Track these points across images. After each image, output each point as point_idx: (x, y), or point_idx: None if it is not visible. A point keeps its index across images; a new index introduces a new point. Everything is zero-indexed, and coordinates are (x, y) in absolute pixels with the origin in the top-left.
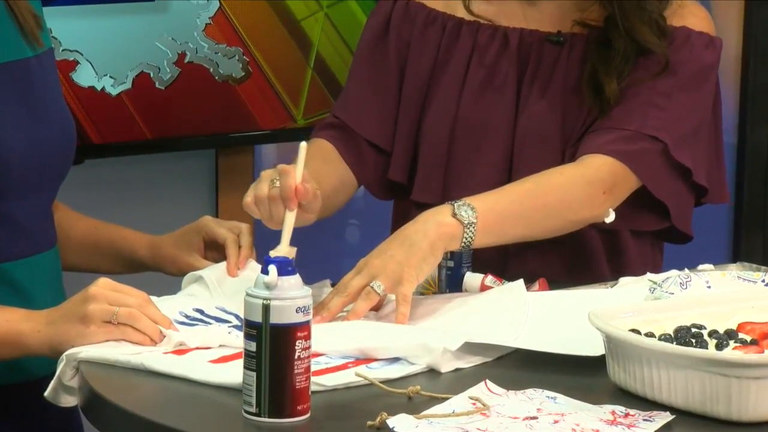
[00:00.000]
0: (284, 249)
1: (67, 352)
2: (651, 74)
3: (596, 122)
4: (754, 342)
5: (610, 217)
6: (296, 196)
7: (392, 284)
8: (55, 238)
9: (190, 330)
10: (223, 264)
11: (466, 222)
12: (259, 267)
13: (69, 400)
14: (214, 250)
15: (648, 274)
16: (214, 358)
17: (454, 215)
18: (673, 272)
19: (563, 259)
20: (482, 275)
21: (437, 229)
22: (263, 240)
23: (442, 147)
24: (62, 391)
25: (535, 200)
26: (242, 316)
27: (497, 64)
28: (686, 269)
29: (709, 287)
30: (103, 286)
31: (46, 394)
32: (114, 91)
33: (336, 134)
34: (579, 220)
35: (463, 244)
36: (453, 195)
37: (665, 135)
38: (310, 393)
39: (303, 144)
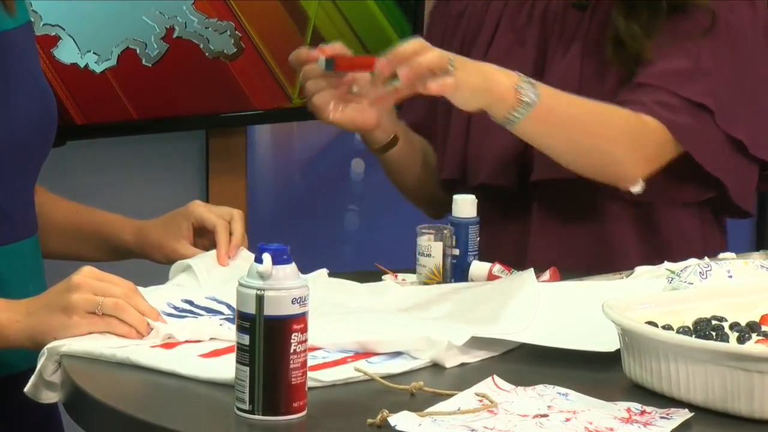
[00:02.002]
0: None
1: (48, 346)
2: (690, 33)
3: (638, 72)
4: None
5: (638, 188)
6: None
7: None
8: (35, 225)
9: (179, 322)
10: (213, 252)
11: (523, 99)
12: (251, 256)
13: (50, 396)
14: (204, 237)
15: (666, 263)
16: (205, 352)
17: (516, 88)
18: (693, 261)
19: (588, 241)
20: (489, 264)
21: (495, 80)
22: (256, 228)
23: (463, 119)
24: (43, 386)
25: (590, 125)
26: (234, 305)
27: (523, 29)
28: (706, 258)
29: (730, 277)
30: (88, 274)
31: (26, 389)
32: (98, 69)
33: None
34: (609, 173)
35: (504, 117)
36: (473, 162)
37: (712, 102)
38: (306, 389)
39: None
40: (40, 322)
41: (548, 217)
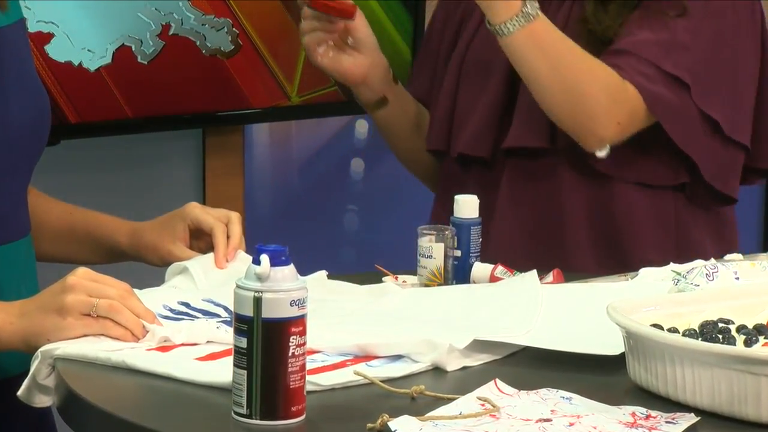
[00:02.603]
0: None
1: (42, 349)
2: (659, 3)
3: (617, 40)
4: None
5: (604, 152)
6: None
7: None
8: (29, 226)
9: (176, 325)
10: (210, 255)
11: (524, 9)
12: (248, 258)
13: (44, 400)
14: (200, 240)
15: (671, 264)
16: (202, 355)
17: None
18: (699, 262)
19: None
20: (491, 265)
21: None
22: (253, 228)
23: (451, 90)
24: (36, 390)
25: (575, 62)
26: (231, 308)
27: None
28: (713, 259)
29: (737, 278)
30: (82, 276)
31: (19, 393)
32: (92, 66)
33: None
34: (581, 122)
35: (501, 21)
36: (456, 132)
37: (688, 77)
38: (305, 393)
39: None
40: (34, 324)
41: (514, 193)
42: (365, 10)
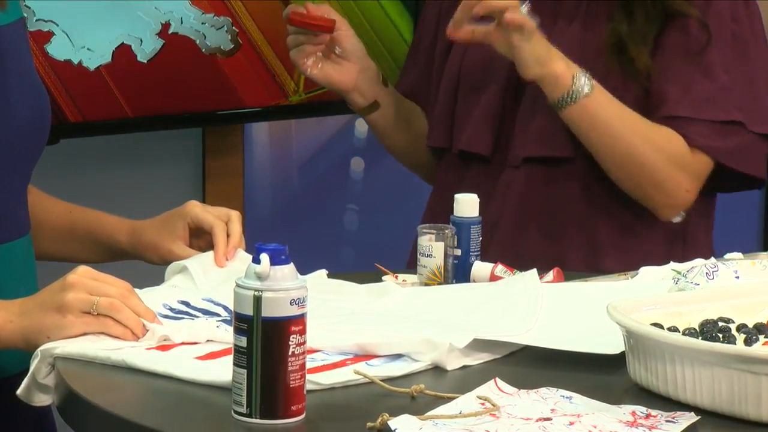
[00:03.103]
0: None
1: (41, 348)
2: (686, 40)
3: (662, 104)
4: None
5: (679, 218)
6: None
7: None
8: (28, 225)
9: (175, 324)
10: (210, 254)
11: (576, 87)
12: (248, 257)
13: (43, 399)
14: (200, 238)
15: (672, 263)
16: (201, 354)
17: (574, 77)
18: (699, 261)
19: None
20: (492, 264)
21: (556, 60)
22: (253, 228)
23: (451, 88)
24: (36, 389)
25: (633, 136)
26: (231, 307)
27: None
28: (713, 258)
29: (737, 277)
30: (83, 274)
31: (18, 392)
32: (92, 65)
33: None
34: (649, 191)
35: (554, 99)
36: (457, 129)
37: (740, 116)
38: (305, 392)
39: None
40: (34, 322)
41: (525, 194)
42: (365, 10)
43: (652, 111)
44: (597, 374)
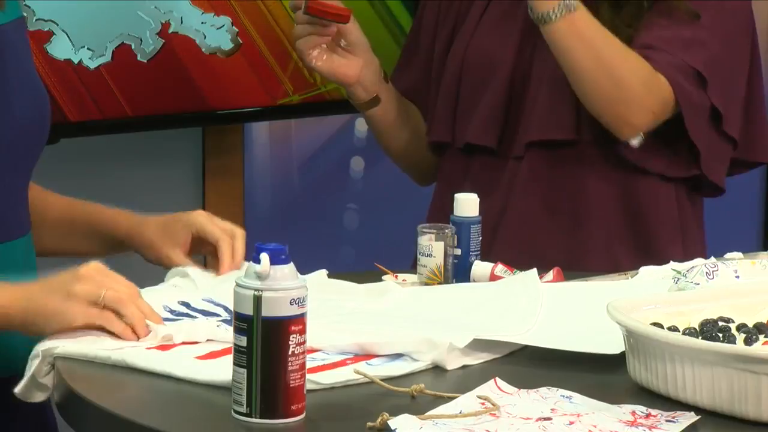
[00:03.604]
0: None
1: (42, 348)
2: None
3: (642, 34)
4: None
5: (636, 141)
6: None
7: None
8: (29, 225)
9: (176, 325)
10: (210, 273)
11: (564, 2)
12: (248, 262)
13: (39, 396)
14: (200, 246)
15: (671, 263)
16: (201, 353)
17: None
18: (699, 261)
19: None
20: (492, 264)
21: None
22: (253, 227)
23: (453, 84)
24: (35, 388)
25: (614, 52)
26: (231, 307)
27: (513, 6)
28: (713, 258)
29: (737, 277)
30: (95, 268)
31: (16, 390)
32: (92, 65)
33: None
34: (616, 110)
35: (542, 11)
36: (460, 124)
37: (709, 72)
38: (305, 392)
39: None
40: (38, 305)
41: (535, 183)
42: (366, 9)
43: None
44: (597, 374)
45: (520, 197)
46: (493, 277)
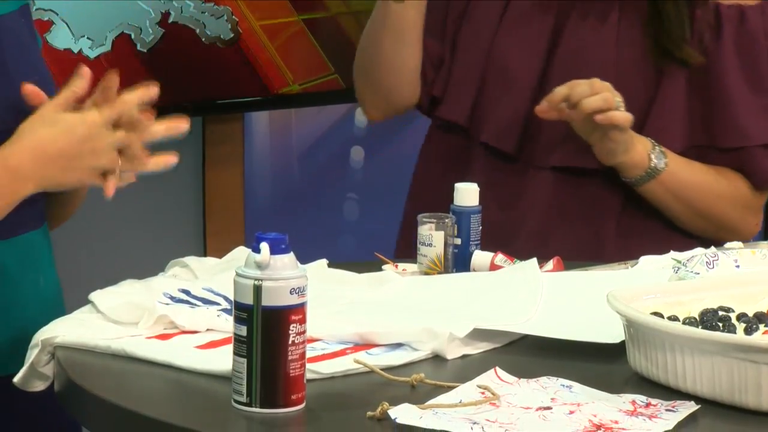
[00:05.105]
0: None
1: (41, 337)
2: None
3: (725, 134)
4: None
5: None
6: None
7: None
8: (43, 216)
9: (176, 306)
10: (211, 259)
11: (653, 165)
12: (248, 252)
13: (39, 385)
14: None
15: (671, 252)
16: (201, 343)
17: (649, 155)
18: (699, 250)
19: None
20: (492, 254)
21: (633, 144)
22: (253, 217)
23: (475, 72)
24: (34, 377)
25: (705, 197)
26: (231, 297)
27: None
28: (713, 247)
29: (737, 267)
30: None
31: (15, 380)
32: (92, 54)
33: None
34: (722, 234)
35: (632, 179)
36: (482, 114)
37: None
38: (305, 381)
39: None
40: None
41: (550, 192)
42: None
43: (719, 134)
44: (597, 363)
45: (538, 206)
46: (493, 267)
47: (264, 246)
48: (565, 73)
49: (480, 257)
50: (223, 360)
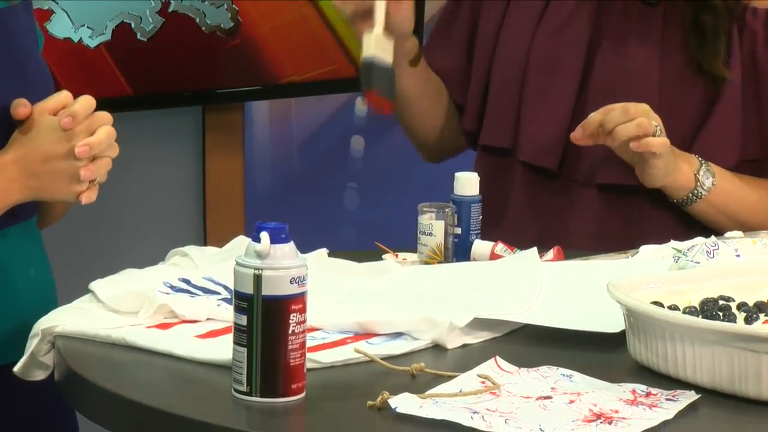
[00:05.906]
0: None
1: (42, 326)
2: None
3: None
4: None
5: None
6: None
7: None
8: (34, 208)
9: (176, 295)
10: (211, 248)
11: (699, 185)
12: (249, 241)
13: (39, 374)
14: None
15: (672, 241)
16: (201, 332)
17: (696, 175)
18: (699, 240)
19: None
20: (492, 243)
21: (679, 165)
22: (253, 206)
23: (512, 88)
24: (34, 367)
25: (753, 213)
26: (231, 287)
27: (576, 8)
28: (713, 236)
29: (737, 256)
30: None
31: (15, 369)
32: (92, 43)
33: None
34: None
35: (682, 200)
36: (521, 134)
37: None
38: (305, 371)
39: None
40: (47, 190)
41: (594, 209)
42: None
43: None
44: (597, 353)
45: (584, 224)
46: (494, 256)
47: (264, 235)
48: (606, 82)
49: (480, 247)
50: (223, 349)
